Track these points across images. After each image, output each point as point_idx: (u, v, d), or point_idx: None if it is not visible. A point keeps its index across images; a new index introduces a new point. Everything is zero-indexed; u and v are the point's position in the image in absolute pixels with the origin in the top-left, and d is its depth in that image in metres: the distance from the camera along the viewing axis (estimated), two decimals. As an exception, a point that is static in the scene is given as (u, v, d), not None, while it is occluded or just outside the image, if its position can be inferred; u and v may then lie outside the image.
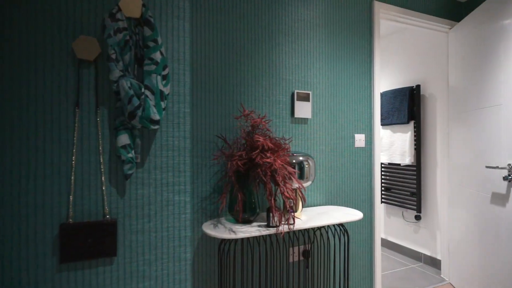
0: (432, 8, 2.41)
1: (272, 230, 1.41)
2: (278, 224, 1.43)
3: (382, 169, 3.29)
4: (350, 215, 1.69)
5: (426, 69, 2.87)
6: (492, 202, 1.93)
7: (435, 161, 2.77)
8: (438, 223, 2.74)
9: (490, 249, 1.96)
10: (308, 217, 1.63)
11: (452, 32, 2.47)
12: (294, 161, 1.61)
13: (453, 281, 2.44)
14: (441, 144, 2.67)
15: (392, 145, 3.08)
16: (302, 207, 1.63)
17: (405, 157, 2.92)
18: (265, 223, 1.52)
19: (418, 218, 2.90)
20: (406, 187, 2.99)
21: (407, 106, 2.87)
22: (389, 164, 3.20)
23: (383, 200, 3.26)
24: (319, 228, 1.87)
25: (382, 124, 3.17)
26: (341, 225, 1.70)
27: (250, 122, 1.58)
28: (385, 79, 3.32)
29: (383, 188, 3.27)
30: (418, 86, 2.85)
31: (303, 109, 1.87)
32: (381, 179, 3.30)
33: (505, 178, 1.78)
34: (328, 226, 1.95)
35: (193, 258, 1.56)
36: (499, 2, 1.88)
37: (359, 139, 2.10)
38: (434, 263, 2.78)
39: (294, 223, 1.45)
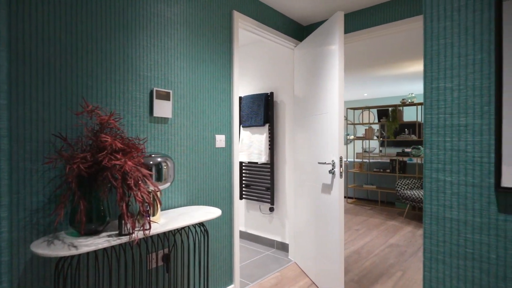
0: (281, 27, 2.79)
1: (124, 239, 1.29)
2: (131, 232, 1.32)
3: (243, 167, 3.57)
4: (209, 213, 1.73)
5: (278, 79, 3.29)
6: (323, 191, 2.40)
7: (285, 159, 3.21)
8: (287, 213, 3.20)
9: (321, 230, 2.42)
10: (168, 220, 1.58)
11: (296, 49, 2.93)
12: (151, 162, 1.53)
13: (297, 261, 2.89)
14: (289, 145, 3.13)
15: (251, 145, 3.38)
16: (160, 210, 1.57)
17: (262, 156, 3.26)
18: (117, 232, 1.38)
19: (272, 210, 3.30)
20: (263, 183, 3.34)
21: (264, 111, 3.21)
22: (249, 162, 3.50)
23: (244, 196, 3.53)
24: (179, 230, 1.84)
25: (243, 126, 3.44)
26: (201, 224, 1.73)
27: (97, 119, 1.39)
28: (247, 85, 3.61)
29: (244, 185, 3.55)
30: (272, 93, 3.24)
31: (163, 108, 1.80)
32: (242, 176, 3.57)
33: (330, 172, 2.23)
34: (188, 226, 1.95)
35: (16, 288, 1.24)
36: (326, 31, 2.36)
37: (220, 140, 2.20)
38: (284, 247, 3.22)
39: (150, 228, 1.37)
